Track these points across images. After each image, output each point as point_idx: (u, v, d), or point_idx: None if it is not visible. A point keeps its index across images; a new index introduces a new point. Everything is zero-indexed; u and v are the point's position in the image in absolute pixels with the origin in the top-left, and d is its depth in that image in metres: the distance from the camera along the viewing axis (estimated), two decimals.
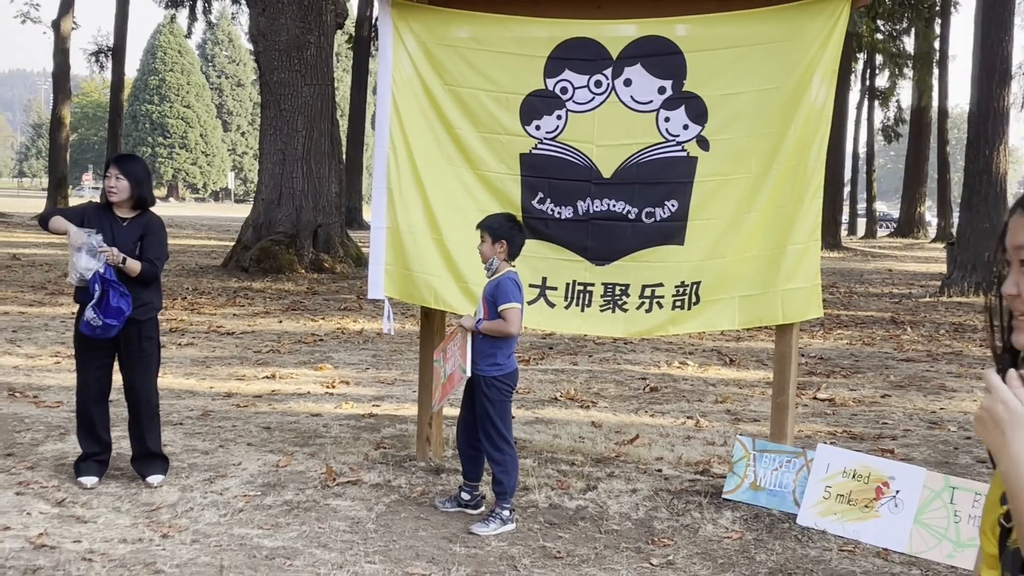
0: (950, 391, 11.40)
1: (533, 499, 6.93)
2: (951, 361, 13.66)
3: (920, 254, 39.23)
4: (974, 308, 19.91)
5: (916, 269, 31.06)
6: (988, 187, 21.37)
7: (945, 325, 17.56)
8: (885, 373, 12.53)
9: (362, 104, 45.59)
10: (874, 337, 15.80)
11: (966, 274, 21.57)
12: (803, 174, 6.75)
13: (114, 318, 6.62)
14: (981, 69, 21.41)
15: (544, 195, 7.10)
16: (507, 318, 6.26)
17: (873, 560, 6.06)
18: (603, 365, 12.47)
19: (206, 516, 6.44)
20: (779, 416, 7.03)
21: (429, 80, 7.21)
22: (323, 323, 15.54)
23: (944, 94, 47.80)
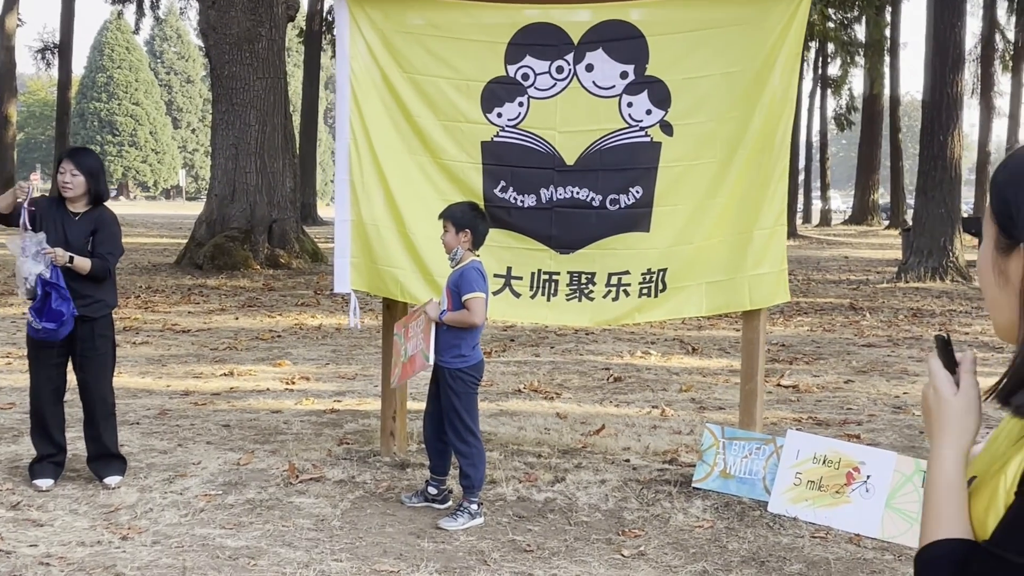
0: (912, 375, 11.41)
1: (501, 492, 6.81)
2: (911, 346, 13.69)
3: (875, 241, 39.47)
4: (931, 293, 20.02)
5: (872, 256, 31.24)
6: (943, 173, 21.47)
7: (903, 310, 17.62)
8: (847, 359, 12.52)
9: (314, 99, 45.21)
10: (834, 323, 15.83)
11: (922, 259, 21.67)
12: (768, 158, 6.68)
13: (53, 321, 6.42)
14: (934, 55, 21.50)
15: (506, 183, 6.99)
16: (471, 308, 6.14)
17: (846, 546, 6.00)
18: (565, 356, 12.38)
19: (166, 517, 6.28)
20: (748, 403, 6.96)
21: (388, 69, 7.07)
22: (280, 319, 15.34)
23: (896, 82, 48.09)
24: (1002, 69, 46.92)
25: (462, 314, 6.16)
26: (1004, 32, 46.06)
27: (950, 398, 1.62)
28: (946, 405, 1.62)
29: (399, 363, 6.63)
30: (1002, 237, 1.58)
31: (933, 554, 1.57)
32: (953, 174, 21.65)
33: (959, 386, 1.63)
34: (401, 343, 6.59)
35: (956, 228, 21.81)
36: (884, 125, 50.14)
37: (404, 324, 6.62)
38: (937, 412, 1.62)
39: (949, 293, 20.05)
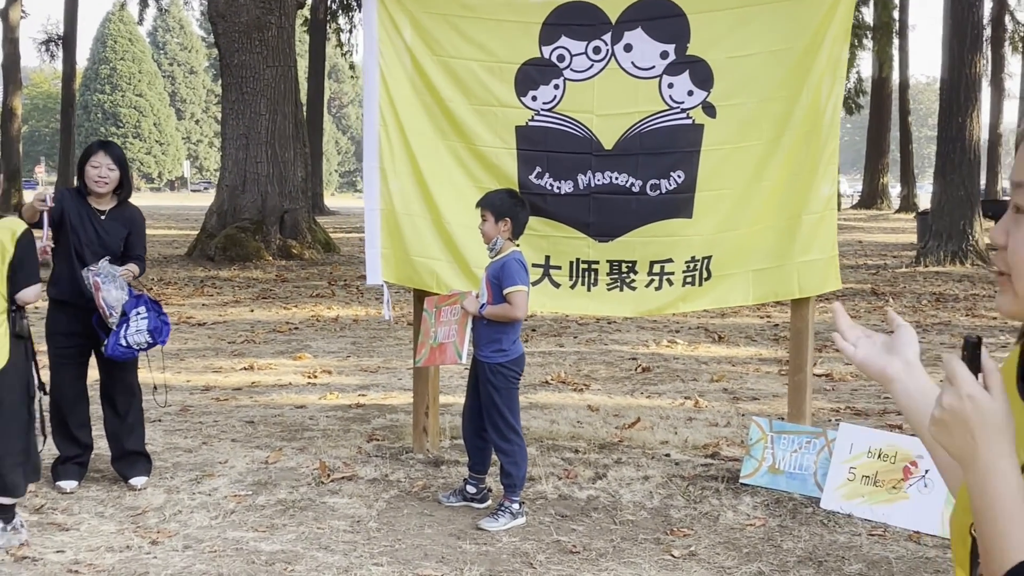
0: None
1: (541, 490, 6.57)
2: (941, 332, 13.44)
3: (886, 225, 39.11)
4: (952, 277, 19.75)
5: (886, 240, 30.93)
6: (962, 155, 21.17)
7: (926, 295, 17.36)
8: None
9: (319, 88, 44.93)
10: (858, 309, 15.56)
11: (942, 243, 21.39)
12: (817, 140, 6.41)
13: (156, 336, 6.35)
14: (952, 36, 21.18)
15: (542, 169, 6.72)
16: (513, 302, 5.88)
17: (905, 544, 5.75)
18: (590, 346, 12.13)
19: (196, 519, 6.05)
20: (796, 395, 6.70)
21: (418, 51, 6.81)
22: (296, 311, 15.10)
23: (905, 64, 47.71)
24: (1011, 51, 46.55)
25: (504, 308, 5.90)
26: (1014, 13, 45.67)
27: (991, 404, 1.37)
28: (990, 412, 1.37)
29: (427, 344, 6.36)
30: None
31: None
32: (972, 156, 21.37)
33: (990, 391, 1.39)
34: (432, 324, 6.31)
35: (976, 211, 21.53)
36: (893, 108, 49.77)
37: (436, 305, 6.34)
38: (980, 421, 1.37)
39: (970, 277, 19.78)
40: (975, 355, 1.43)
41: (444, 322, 6.19)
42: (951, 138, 21.28)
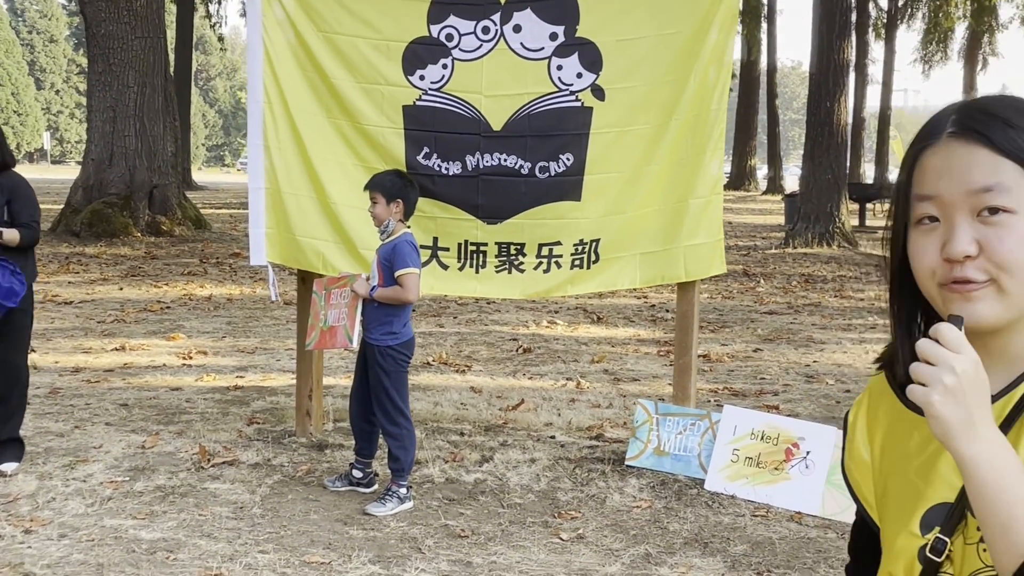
0: (819, 343, 11.41)
1: (428, 473, 6.52)
2: (812, 312, 13.73)
3: (755, 206, 39.82)
4: (820, 259, 20.20)
5: (754, 221, 31.51)
6: (829, 139, 21.62)
7: (796, 276, 17.74)
8: (752, 326, 12.49)
9: (187, 61, 43.83)
10: (731, 290, 15.82)
11: (809, 225, 21.84)
12: (704, 124, 6.46)
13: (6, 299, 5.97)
14: (821, 21, 21.59)
15: (430, 150, 6.64)
16: (405, 284, 5.80)
17: (788, 525, 5.85)
18: (470, 326, 12.09)
19: (71, 506, 5.85)
20: (682, 377, 6.76)
21: (302, 27, 6.65)
22: (168, 289, 14.74)
23: (772, 49, 48.51)
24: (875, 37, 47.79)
25: (395, 291, 5.82)
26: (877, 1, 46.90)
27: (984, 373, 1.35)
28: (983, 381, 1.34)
29: (316, 327, 6.24)
30: None
31: None
32: (840, 140, 21.84)
33: None
34: (321, 306, 6.19)
35: (842, 194, 22.05)
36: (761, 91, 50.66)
37: (326, 287, 6.21)
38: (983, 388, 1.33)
39: (837, 259, 20.27)
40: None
41: (334, 305, 6.08)
42: (819, 122, 21.72)
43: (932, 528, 1.47)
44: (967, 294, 1.43)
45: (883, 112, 47.81)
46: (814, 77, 22.18)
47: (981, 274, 1.42)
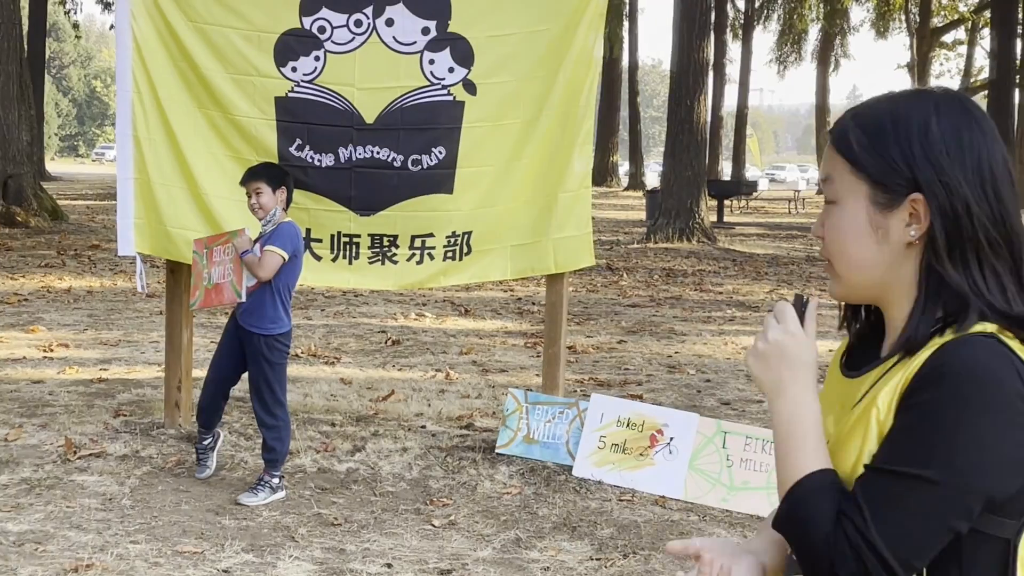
0: (680, 335, 11.71)
1: (300, 463, 6.55)
2: (673, 305, 14.07)
3: (616, 202, 40.50)
4: (680, 253, 20.67)
5: (617, 217, 32.02)
6: (689, 137, 22.12)
7: (657, 270, 18.12)
8: (616, 319, 12.75)
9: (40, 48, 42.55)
10: (596, 284, 16.11)
11: (670, 220, 22.33)
12: (573, 120, 6.62)
13: None
14: (682, 21, 22.07)
15: (303, 141, 6.66)
16: (263, 261, 5.76)
17: (652, 508, 6.05)
18: (338, 319, 12.09)
19: None
20: (550, 367, 6.93)
21: (172, 16, 6.60)
22: (25, 281, 14.37)
23: (634, 47, 49.36)
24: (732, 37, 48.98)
25: (252, 259, 5.77)
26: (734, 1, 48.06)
27: (807, 342, 1.63)
28: (806, 349, 1.62)
29: (200, 286, 6.20)
30: (881, 194, 1.60)
31: (807, 488, 1.55)
32: (700, 138, 22.37)
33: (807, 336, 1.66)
34: (203, 265, 6.15)
35: (702, 190, 22.59)
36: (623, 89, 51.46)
37: (207, 245, 6.17)
38: (797, 355, 1.61)
39: (697, 253, 20.76)
40: (801, 309, 1.65)
41: (218, 262, 6.05)
42: (680, 120, 22.20)
43: None
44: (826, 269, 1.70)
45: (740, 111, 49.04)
46: (674, 76, 22.65)
47: (827, 252, 1.69)
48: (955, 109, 1.60)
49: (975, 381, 1.46)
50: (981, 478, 1.46)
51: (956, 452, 1.46)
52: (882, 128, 1.60)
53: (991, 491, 1.47)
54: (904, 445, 1.50)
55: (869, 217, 1.61)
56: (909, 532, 1.47)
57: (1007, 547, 1.52)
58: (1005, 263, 1.56)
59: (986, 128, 1.60)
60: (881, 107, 1.65)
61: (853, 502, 1.50)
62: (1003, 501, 1.49)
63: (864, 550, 1.47)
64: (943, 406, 1.47)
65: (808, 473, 1.55)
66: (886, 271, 1.62)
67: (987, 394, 1.45)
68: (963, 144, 1.57)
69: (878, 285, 1.64)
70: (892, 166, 1.58)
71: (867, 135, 1.61)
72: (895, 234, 1.59)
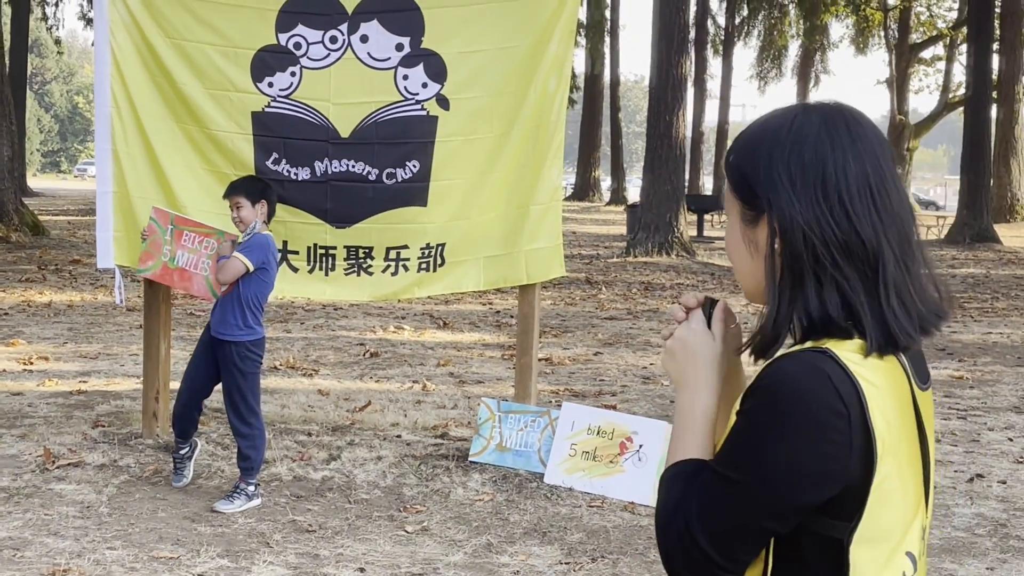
0: (656, 347, 11.84)
1: (275, 472, 6.65)
2: (650, 318, 14.21)
3: (598, 216, 40.65)
4: (659, 267, 20.82)
5: (598, 231, 32.18)
6: (668, 151, 22.30)
7: (636, 284, 18.27)
8: (593, 331, 12.88)
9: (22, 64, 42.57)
10: (574, 297, 16.24)
11: (650, 235, 22.47)
12: (544, 134, 6.76)
13: None
14: (661, 37, 22.27)
15: (279, 155, 6.79)
16: (226, 264, 5.91)
17: (621, 515, 6.17)
18: (317, 332, 12.19)
19: None
20: (523, 377, 7.05)
21: (150, 32, 6.72)
22: (5, 296, 14.43)
23: (616, 62, 49.55)
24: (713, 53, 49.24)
25: (221, 264, 5.92)
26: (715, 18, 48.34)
27: (710, 341, 1.72)
28: (708, 347, 1.72)
29: (157, 257, 6.30)
30: (747, 210, 1.69)
31: (673, 472, 1.65)
32: (678, 153, 22.56)
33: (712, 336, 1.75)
34: (166, 239, 6.25)
35: (681, 205, 22.75)
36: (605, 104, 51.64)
37: (175, 224, 6.27)
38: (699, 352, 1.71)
39: (676, 267, 20.92)
40: (710, 310, 1.77)
41: (189, 248, 6.16)
42: (659, 135, 22.38)
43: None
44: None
45: (721, 126, 49.29)
46: (654, 91, 22.84)
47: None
48: (812, 123, 1.65)
49: (788, 396, 1.54)
50: (787, 488, 1.54)
51: (764, 461, 1.55)
52: (745, 147, 1.69)
53: (799, 500, 1.55)
54: (727, 447, 1.60)
55: (742, 231, 1.70)
56: (725, 528, 1.57)
57: (840, 547, 1.59)
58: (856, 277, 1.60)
59: (847, 142, 1.63)
60: (756, 125, 1.73)
61: (693, 494, 1.60)
62: (825, 504, 1.56)
63: (688, 540, 1.58)
64: (758, 417, 1.56)
65: (679, 460, 1.66)
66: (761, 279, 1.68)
67: (797, 409, 1.53)
68: (804, 160, 1.61)
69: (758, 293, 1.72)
70: (745, 184, 1.67)
71: (735, 153, 1.71)
72: (763, 248, 1.66)
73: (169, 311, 7.33)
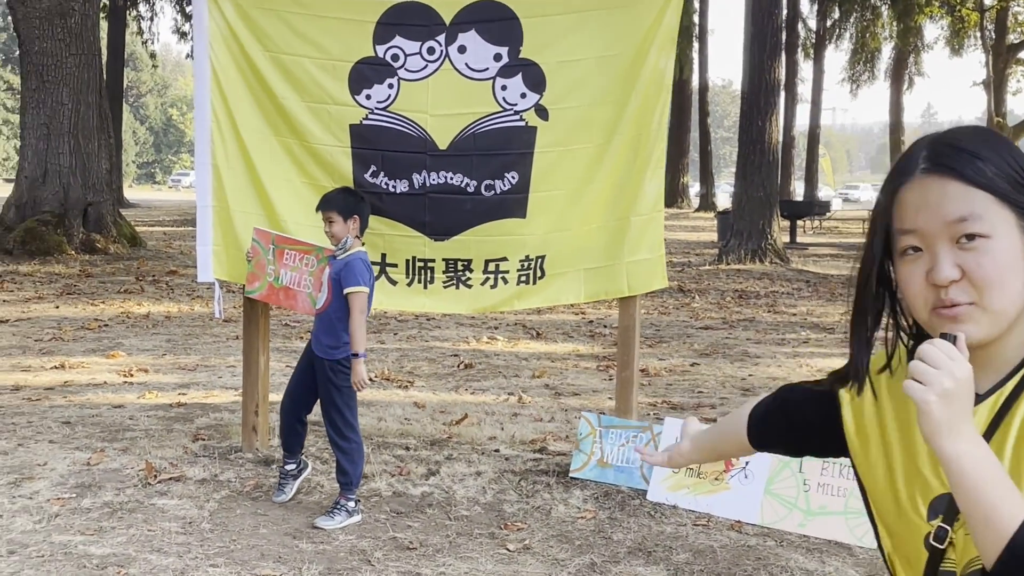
0: (754, 357, 11.63)
1: (375, 487, 6.60)
2: (747, 328, 13.97)
3: (687, 223, 40.34)
4: (752, 275, 20.53)
5: (688, 238, 31.92)
6: (761, 157, 22.02)
7: (729, 292, 18.01)
8: (688, 341, 12.69)
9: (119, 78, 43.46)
10: (667, 306, 16.05)
11: (742, 242, 22.20)
12: (645, 144, 6.63)
13: None
14: (753, 41, 22.00)
15: (377, 168, 6.74)
16: (353, 303, 5.87)
17: (728, 534, 6.01)
18: (411, 342, 12.17)
19: (19, 523, 5.85)
20: (623, 391, 6.91)
21: (249, 47, 6.73)
22: (105, 307, 14.65)
23: (704, 68, 49.28)
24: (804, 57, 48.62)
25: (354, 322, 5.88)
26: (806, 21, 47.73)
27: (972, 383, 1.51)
28: (972, 389, 1.51)
29: (262, 278, 6.36)
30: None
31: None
32: (771, 158, 22.25)
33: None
34: (268, 259, 6.30)
35: (774, 211, 22.44)
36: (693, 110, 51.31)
37: (276, 243, 6.32)
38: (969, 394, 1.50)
39: (769, 275, 20.61)
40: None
41: (291, 267, 6.17)
42: (751, 140, 22.11)
43: (937, 515, 1.63)
44: (956, 316, 1.59)
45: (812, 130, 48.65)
46: (746, 96, 22.56)
47: (965, 296, 1.58)
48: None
49: None
50: None
51: None
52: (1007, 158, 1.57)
53: None
54: None
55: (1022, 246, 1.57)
56: None
57: None
58: None
59: None
60: (977, 138, 1.60)
61: None
62: None
63: None
64: None
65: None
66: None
67: None
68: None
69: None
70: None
71: (998, 166, 1.57)
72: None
73: (267, 323, 7.31)
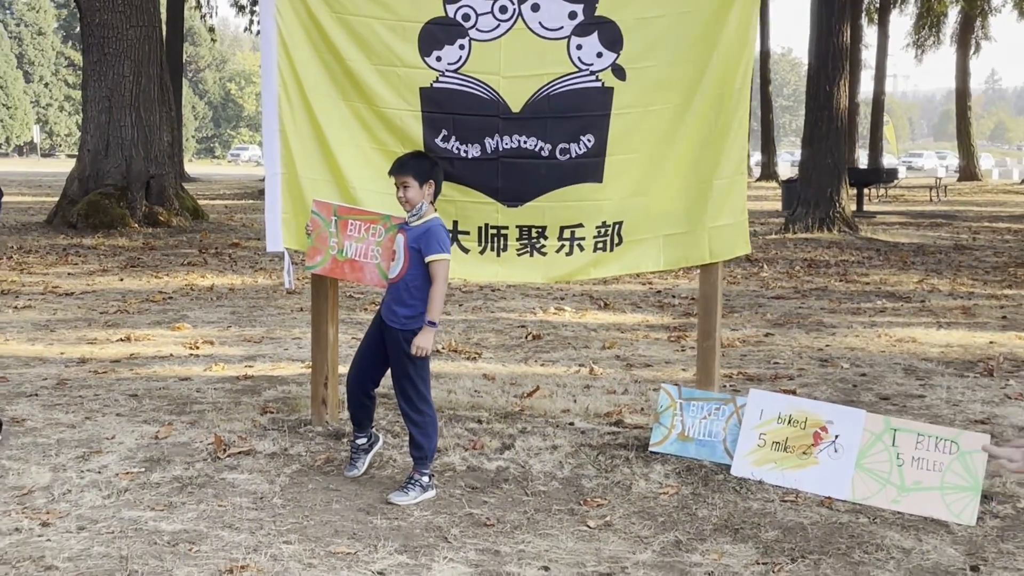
0: (829, 327, 11.31)
1: (449, 461, 6.41)
2: (820, 297, 13.64)
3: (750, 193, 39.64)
4: (821, 243, 20.13)
5: (752, 207, 31.29)
6: (829, 124, 21.53)
7: (798, 261, 17.66)
8: (760, 311, 12.39)
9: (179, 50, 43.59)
10: (736, 276, 15.73)
11: (809, 210, 21.77)
12: (728, 105, 6.34)
13: None
14: (821, 4, 21.49)
15: (448, 132, 6.51)
16: (436, 273, 5.66)
17: (818, 510, 5.75)
18: (476, 313, 11.97)
19: (87, 498, 5.72)
20: (705, 361, 6.65)
21: (316, 8, 6.51)
22: (169, 280, 14.60)
23: (765, 35, 48.47)
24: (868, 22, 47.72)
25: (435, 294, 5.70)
26: None
27: None
28: None
29: (325, 251, 6.20)
30: None
31: None
32: (839, 125, 21.74)
33: None
34: (331, 232, 6.13)
35: (843, 179, 21.96)
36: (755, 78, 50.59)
37: (338, 214, 6.15)
38: None
39: (838, 243, 20.20)
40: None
41: (356, 238, 5.99)
42: (819, 107, 21.63)
43: None
44: None
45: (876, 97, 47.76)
46: (813, 62, 22.06)
47: None
48: None
49: None
50: None
51: None
52: None
53: None
54: None
55: None
56: None
57: None
58: None
59: None
60: None
61: None
62: None
63: None
64: None
65: None
66: None
67: None
68: None
69: None
70: None
71: None
72: None
73: (336, 294, 7.13)
